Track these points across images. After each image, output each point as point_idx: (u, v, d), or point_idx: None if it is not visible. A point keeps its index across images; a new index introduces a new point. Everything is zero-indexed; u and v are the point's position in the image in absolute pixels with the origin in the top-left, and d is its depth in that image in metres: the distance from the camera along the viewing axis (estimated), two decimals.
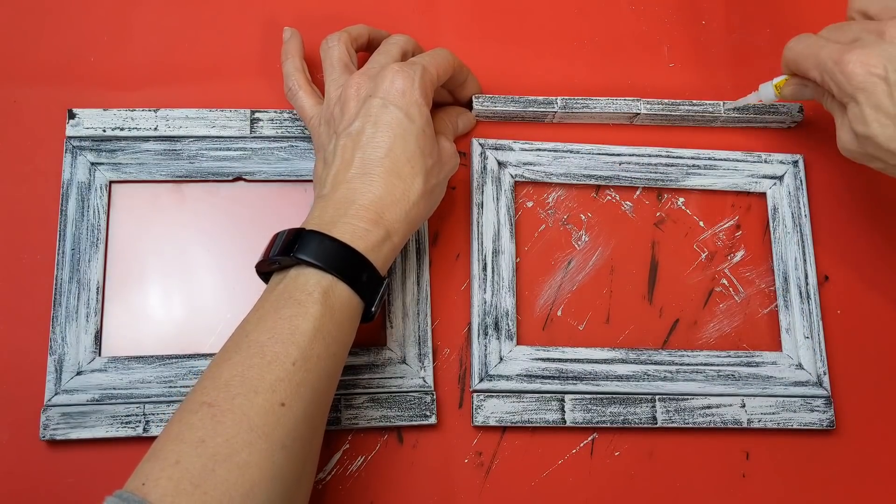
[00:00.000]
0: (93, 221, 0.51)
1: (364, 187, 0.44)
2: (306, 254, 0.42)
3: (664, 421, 0.51)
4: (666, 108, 0.56)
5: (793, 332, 0.54)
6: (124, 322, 0.50)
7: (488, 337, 0.51)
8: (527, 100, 0.55)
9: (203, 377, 0.40)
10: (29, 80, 0.54)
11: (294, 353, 0.40)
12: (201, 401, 0.39)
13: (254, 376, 0.39)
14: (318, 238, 0.42)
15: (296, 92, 0.52)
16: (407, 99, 0.46)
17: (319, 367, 0.41)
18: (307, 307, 0.41)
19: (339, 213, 0.44)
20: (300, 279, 0.42)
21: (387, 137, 0.45)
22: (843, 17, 0.50)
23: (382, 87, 0.46)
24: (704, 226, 0.56)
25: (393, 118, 0.45)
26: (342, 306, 0.42)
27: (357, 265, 0.42)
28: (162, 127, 0.53)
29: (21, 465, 0.48)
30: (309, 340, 0.40)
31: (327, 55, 0.51)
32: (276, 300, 0.42)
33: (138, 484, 0.37)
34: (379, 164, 0.45)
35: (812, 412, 0.52)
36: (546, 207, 0.55)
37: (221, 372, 0.40)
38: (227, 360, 0.40)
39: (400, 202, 0.45)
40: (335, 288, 0.42)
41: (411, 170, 0.45)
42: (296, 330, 0.40)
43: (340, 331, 0.42)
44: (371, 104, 0.46)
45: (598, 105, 0.55)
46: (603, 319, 0.54)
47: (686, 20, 0.60)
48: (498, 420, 0.50)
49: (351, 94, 0.47)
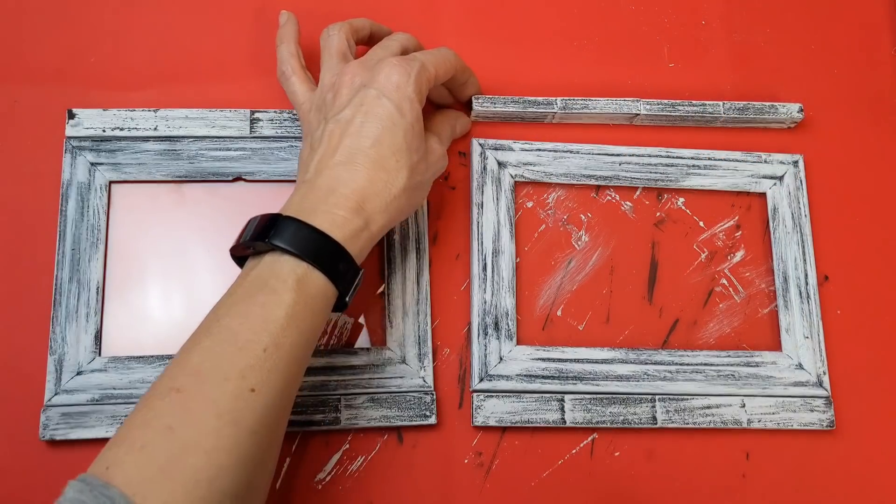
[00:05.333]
0: (93, 221, 0.51)
1: (347, 175, 0.44)
2: (282, 240, 0.41)
3: (664, 421, 0.51)
4: (665, 109, 0.56)
5: (793, 333, 0.54)
6: (124, 322, 0.50)
7: (488, 337, 0.51)
8: (526, 100, 0.55)
9: (172, 362, 0.40)
10: (29, 81, 0.54)
11: (266, 339, 0.39)
12: (170, 386, 0.38)
13: (224, 362, 0.39)
14: (296, 225, 0.42)
15: (289, 76, 0.51)
16: (400, 93, 0.46)
17: (291, 354, 0.40)
18: (281, 294, 0.40)
19: (319, 199, 0.43)
20: (275, 265, 0.41)
21: (376, 128, 0.45)
22: (843, 17, 0.50)
23: (378, 79, 0.46)
24: (704, 226, 0.56)
25: (384, 110, 0.45)
26: (316, 294, 0.42)
27: (333, 254, 0.42)
28: (162, 127, 0.53)
29: (20, 466, 0.48)
30: (281, 328, 0.40)
31: (326, 43, 0.51)
32: (249, 286, 0.41)
33: (102, 468, 0.36)
34: (364, 153, 0.44)
35: (812, 412, 0.52)
36: (546, 207, 0.55)
37: (191, 357, 0.39)
38: (196, 344, 0.40)
39: (381, 193, 0.44)
40: (310, 276, 0.41)
41: (396, 163, 0.45)
42: (269, 316, 0.40)
43: (314, 319, 0.42)
44: (365, 94, 0.46)
45: (597, 105, 0.55)
46: (603, 319, 0.54)
47: (686, 20, 0.60)
48: (498, 420, 0.50)
49: (345, 82, 0.47)
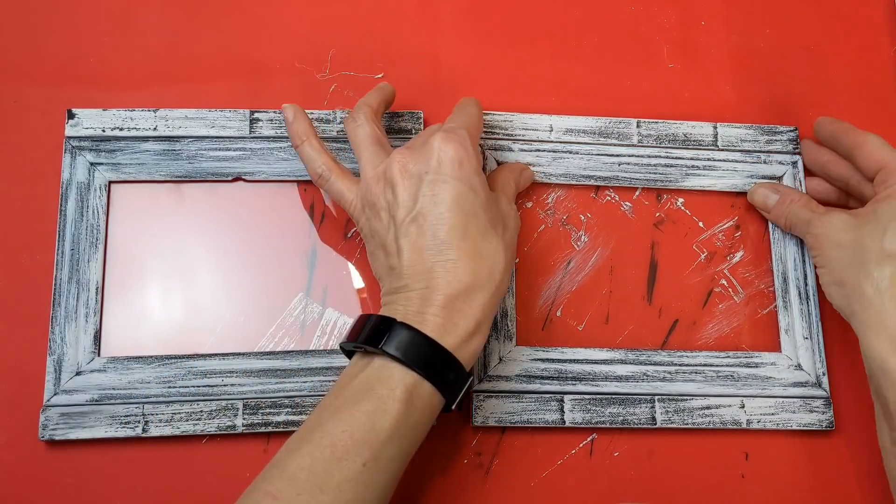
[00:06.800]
0: (92, 221, 0.51)
1: (448, 275, 0.42)
2: (393, 348, 0.40)
3: (663, 421, 0.51)
4: (662, 127, 0.56)
5: (792, 333, 0.54)
6: (123, 322, 0.50)
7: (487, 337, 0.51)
8: (523, 134, 0.55)
9: (271, 463, 0.39)
10: (29, 80, 0.54)
11: (367, 453, 0.38)
12: (266, 490, 0.38)
13: (321, 472, 0.38)
14: (408, 332, 0.40)
15: (328, 178, 0.47)
16: (465, 170, 0.43)
17: (389, 469, 0.39)
18: (388, 404, 0.39)
19: (424, 304, 0.41)
20: (384, 372, 0.40)
21: (457, 217, 0.42)
22: (842, 17, 0.50)
23: (433, 161, 0.43)
24: (704, 226, 0.56)
25: (457, 194, 0.42)
26: (423, 405, 0.40)
27: (444, 363, 0.41)
28: (161, 127, 0.53)
29: (20, 466, 0.48)
30: (383, 441, 0.39)
31: (356, 133, 0.47)
32: (355, 391, 0.40)
33: None
34: (456, 247, 0.42)
35: (811, 413, 0.52)
36: (545, 208, 0.55)
37: (290, 462, 0.38)
38: (297, 449, 0.39)
39: (487, 283, 0.42)
40: (419, 387, 0.40)
41: (489, 244, 0.43)
42: (372, 428, 0.39)
43: (416, 431, 0.41)
44: (428, 182, 0.43)
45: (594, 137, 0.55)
46: (602, 320, 0.54)
47: (686, 21, 0.60)
48: (497, 420, 0.50)
49: (396, 173, 0.44)
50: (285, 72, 0.56)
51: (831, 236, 0.48)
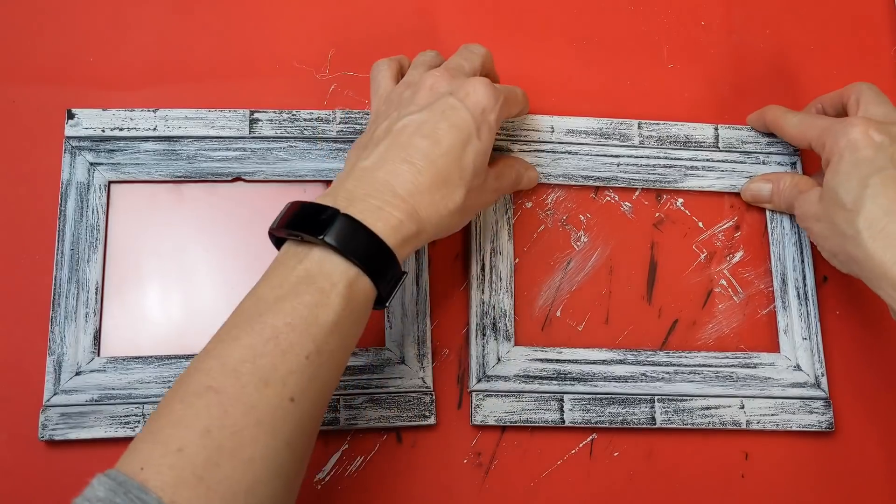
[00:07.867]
0: (92, 222, 0.51)
1: (409, 176, 0.42)
2: (338, 241, 0.39)
3: (663, 422, 0.51)
4: (664, 129, 0.56)
5: (791, 334, 0.54)
6: (123, 322, 0.50)
7: (486, 338, 0.51)
8: (524, 135, 0.55)
9: (208, 354, 0.38)
10: (28, 80, 0.54)
11: (310, 346, 0.38)
12: (207, 384, 0.37)
13: (265, 365, 0.37)
14: (353, 226, 0.40)
15: (381, 69, 0.49)
16: (484, 116, 0.44)
17: (331, 361, 0.39)
18: (330, 298, 0.39)
19: (375, 194, 0.41)
20: (326, 265, 0.40)
21: (450, 138, 0.43)
22: (843, 17, 0.50)
23: (463, 91, 0.44)
24: (703, 226, 0.56)
25: (463, 123, 0.43)
26: (362, 300, 0.40)
27: (386, 261, 0.41)
28: (161, 127, 0.53)
29: (20, 466, 0.48)
30: (326, 334, 0.38)
31: (415, 61, 0.50)
32: (296, 282, 0.39)
33: (135, 468, 0.34)
34: (431, 160, 0.42)
35: (811, 413, 0.52)
36: (545, 208, 0.55)
37: (230, 353, 0.37)
38: (236, 339, 0.38)
39: (437, 205, 0.43)
40: (359, 281, 0.40)
41: (459, 180, 0.43)
42: (315, 321, 0.38)
43: (355, 325, 0.41)
44: (447, 101, 0.44)
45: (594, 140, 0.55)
46: (602, 320, 0.54)
47: (686, 21, 0.60)
48: (497, 419, 0.50)
49: (426, 84, 0.45)
50: (285, 72, 0.56)
51: (810, 212, 0.50)
